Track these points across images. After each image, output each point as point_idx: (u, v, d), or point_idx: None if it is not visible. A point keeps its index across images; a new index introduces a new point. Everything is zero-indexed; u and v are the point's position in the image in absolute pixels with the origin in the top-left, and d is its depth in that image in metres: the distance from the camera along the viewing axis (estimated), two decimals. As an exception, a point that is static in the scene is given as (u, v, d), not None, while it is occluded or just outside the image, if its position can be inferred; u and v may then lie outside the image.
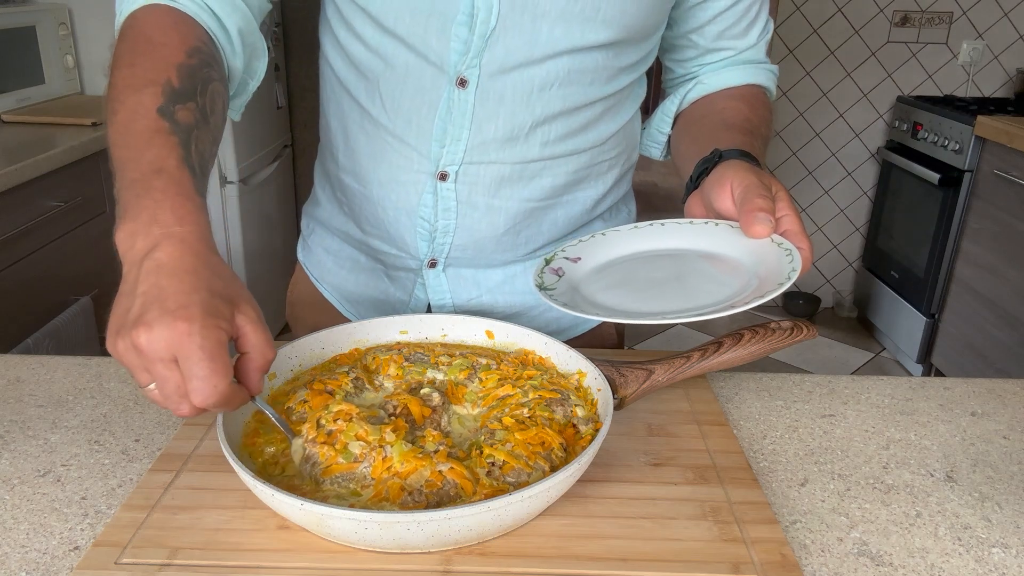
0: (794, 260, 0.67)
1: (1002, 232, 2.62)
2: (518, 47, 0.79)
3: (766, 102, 0.96)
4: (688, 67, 0.97)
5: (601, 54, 0.83)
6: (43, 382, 0.83)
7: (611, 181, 0.96)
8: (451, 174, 0.85)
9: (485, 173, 0.86)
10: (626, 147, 0.97)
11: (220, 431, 0.59)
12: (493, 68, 0.80)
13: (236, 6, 0.78)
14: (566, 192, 0.92)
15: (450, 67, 0.80)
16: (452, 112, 0.82)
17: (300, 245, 1.08)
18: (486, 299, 0.97)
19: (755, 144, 0.83)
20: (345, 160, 0.93)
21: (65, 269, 2.04)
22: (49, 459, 0.70)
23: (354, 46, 0.85)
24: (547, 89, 0.82)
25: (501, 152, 0.85)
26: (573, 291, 0.73)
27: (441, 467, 0.58)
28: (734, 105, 0.91)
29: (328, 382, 0.69)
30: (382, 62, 0.83)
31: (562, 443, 0.63)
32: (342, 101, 0.90)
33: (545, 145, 0.86)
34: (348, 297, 1.02)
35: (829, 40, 3.28)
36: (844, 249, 3.62)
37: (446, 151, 0.84)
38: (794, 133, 3.43)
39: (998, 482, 0.70)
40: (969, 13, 3.22)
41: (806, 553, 0.60)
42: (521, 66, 0.80)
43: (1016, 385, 0.87)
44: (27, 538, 0.60)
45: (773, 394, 0.84)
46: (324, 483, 0.59)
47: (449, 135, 0.83)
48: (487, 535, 0.56)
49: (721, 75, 0.94)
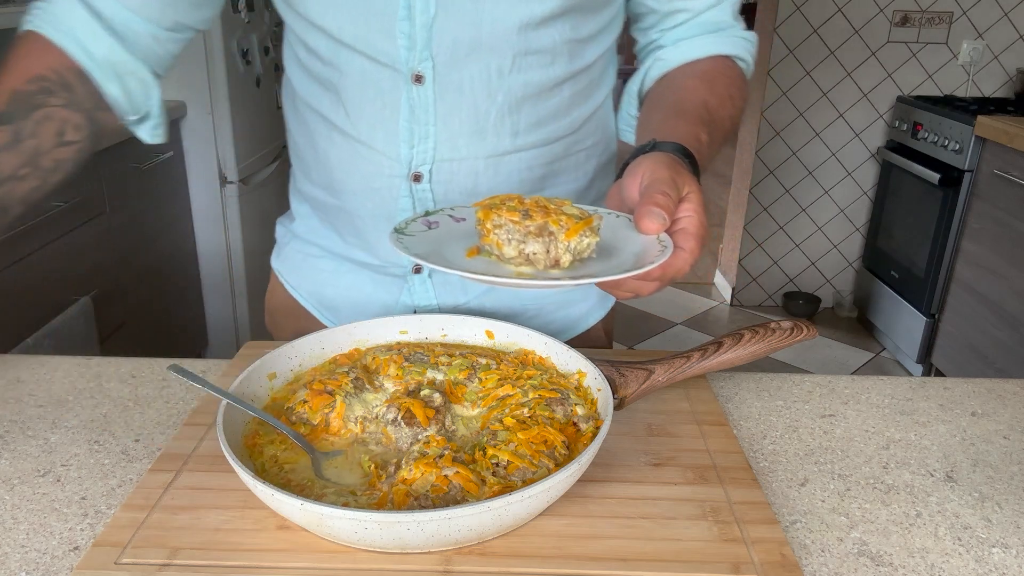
0: (665, 252, 0.63)
1: (1002, 232, 2.62)
2: (465, 31, 0.78)
3: (732, 76, 0.89)
4: (649, 35, 0.92)
5: (556, 28, 0.81)
6: (43, 382, 0.83)
7: (591, 172, 0.95)
8: (425, 174, 0.85)
9: (459, 170, 0.85)
10: (603, 135, 0.95)
11: (220, 431, 0.59)
12: (445, 58, 0.79)
13: (101, 37, 0.82)
14: (545, 186, 0.90)
15: (402, 64, 0.80)
16: (415, 110, 0.82)
17: (275, 253, 1.07)
18: (473, 305, 0.96)
19: (702, 135, 0.78)
20: (318, 176, 0.92)
21: (65, 269, 2.04)
22: (49, 459, 0.70)
23: (312, 62, 0.86)
24: (506, 74, 0.81)
25: (472, 146, 0.84)
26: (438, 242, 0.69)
27: (447, 471, 0.58)
28: (692, 85, 0.85)
29: (328, 382, 0.69)
30: (338, 72, 0.83)
31: (564, 441, 0.63)
32: (308, 118, 0.90)
33: (516, 135, 0.85)
34: (327, 304, 1.00)
35: (829, 40, 3.28)
36: (844, 249, 3.62)
37: (416, 151, 0.84)
38: (794, 133, 3.43)
39: (998, 482, 0.70)
40: (969, 13, 3.22)
41: (806, 553, 0.60)
42: (473, 51, 0.79)
43: (1016, 385, 0.87)
44: (27, 538, 0.60)
45: (773, 394, 0.84)
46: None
47: (416, 134, 0.83)
48: (487, 535, 0.56)
49: (681, 48, 0.89)
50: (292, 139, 0.97)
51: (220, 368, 0.86)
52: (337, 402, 0.67)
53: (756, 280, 3.72)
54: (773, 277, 3.71)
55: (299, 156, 0.96)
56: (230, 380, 0.74)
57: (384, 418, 0.66)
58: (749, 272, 3.70)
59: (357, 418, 0.67)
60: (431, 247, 0.67)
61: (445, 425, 0.66)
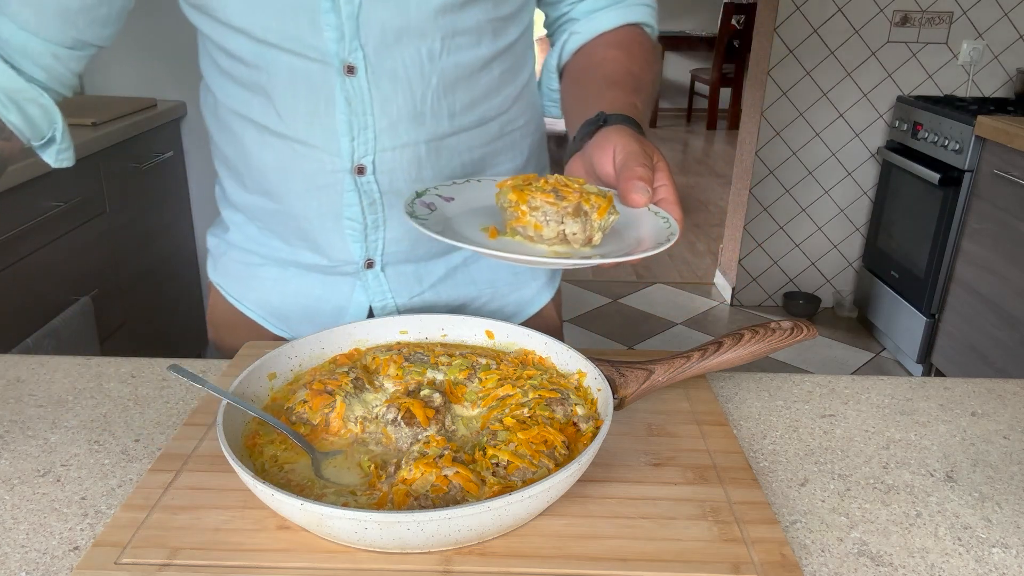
0: (672, 226, 0.70)
1: (1002, 232, 2.62)
2: (392, 17, 0.78)
3: (645, 42, 0.94)
4: (559, 8, 0.95)
5: (479, 7, 0.82)
6: (43, 382, 0.83)
7: (527, 150, 0.97)
8: (368, 166, 0.84)
9: (401, 157, 0.85)
10: (533, 114, 0.97)
11: (220, 431, 0.59)
12: (376, 46, 0.79)
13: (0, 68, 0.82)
14: (486, 166, 0.92)
15: (332, 57, 0.79)
16: (351, 102, 0.81)
17: (211, 266, 1.05)
18: (428, 295, 0.96)
19: (637, 103, 0.83)
20: (253, 183, 0.91)
21: (65, 269, 2.04)
22: (49, 459, 0.70)
23: (234, 67, 0.84)
24: (437, 56, 0.82)
25: (412, 132, 0.84)
26: (445, 224, 0.72)
27: (447, 471, 0.58)
28: (613, 56, 0.90)
29: (328, 382, 0.69)
30: (265, 73, 0.82)
31: (564, 441, 0.63)
32: (234, 125, 0.89)
33: (453, 117, 0.85)
34: (275, 313, 0.99)
35: (829, 40, 3.28)
36: (844, 249, 3.62)
37: (356, 143, 0.83)
38: (794, 133, 3.43)
39: (998, 482, 0.70)
40: (969, 13, 3.22)
41: (806, 553, 0.60)
42: (403, 37, 0.79)
43: (1016, 385, 0.87)
44: (27, 538, 0.60)
45: (773, 394, 0.84)
46: None
47: (355, 126, 0.82)
48: (487, 535, 0.56)
49: (594, 20, 0.93)
50: (217, 149, 0.95)
51: (220, 368, 0.86)
52: (337, 402, 0.67)
53: (756, 280, 3.72)
54: (773, 277, 3.71)
55: (228, 166, 0.94)
56: (230, 380, 0.74)
57: (384, 418, 0.66)
58: (749, 272, 3.70)
59: (357, 418, 0.67)
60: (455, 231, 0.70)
61: (445, 425, 0.66)
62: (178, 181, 2.63)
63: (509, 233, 0.70)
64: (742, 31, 7.02)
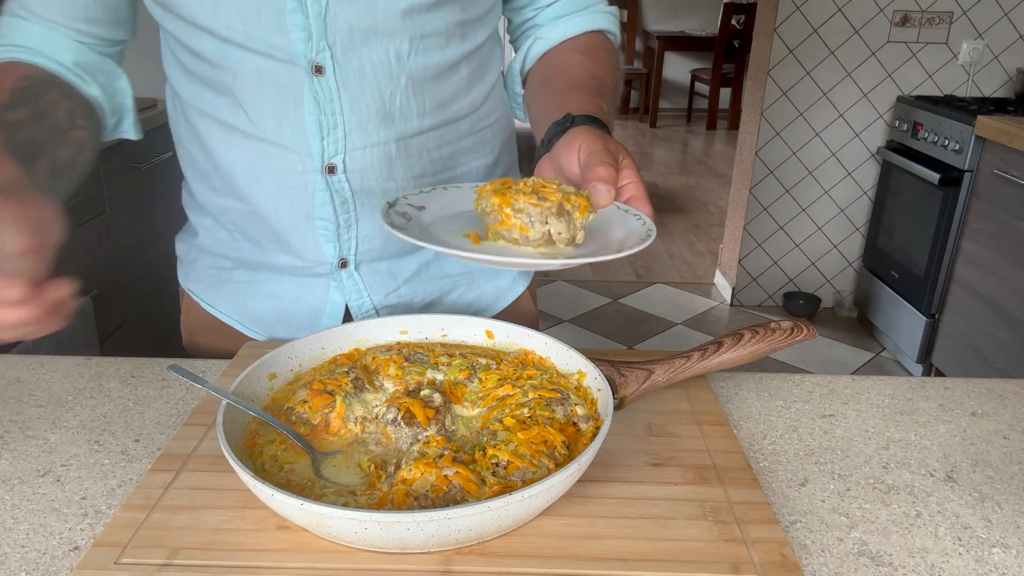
0: (646, 223, 0.71)
1: (1002, 232, 2.62)
2: (359, 18, 0.78)
3: (609, 48, 0.95)
4: (524, 14, 0.97)
5: (447, 10, 0.83)
6: (43, 382, 0.83)
7: (497, 147, 0.97)
8: (338, 165, 0.84)
9: (372, 156, 0.85)
10: (503, 112, 0.98)
11: (220, 431, 0.59)
12: (343, 46, 0.79)
13: (64, 45, 0.83)
14: (456, 163, 0.92)
15: (300, 57, 0.79)
16: (320, 102, 0.81)
17: (181, 272, 1.04)
18: (404, 291, 0.96)
19: (603, 105, 0.84)
20: (222, 184, 0.90)
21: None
22: (49, 459, 0.70)
23: (200, 67, 0.84)
24: (405, 58, 0.82)
25: (381, 131, 0.84)
26: (424, 231, 0.72)
27: (447, 471, 0.58)
28: (578, 60, 0.91)
29: (328, 382, 0.69)
30: (231, 73, 0.81)
31: (564, 441, 0.63)
32: (199, 126, 0.88)
33: (423, 116, 0.86)
34: (249, 316, 0.98)
35: (829, 40, 3.28)
36: (844, 249, 3.62)
37: (326, 143, 0.83)
38: (794, 133, 3.43)
39: (998, 482, 0.70)
40: (969, 13, 3.22)
41: (806, 553, 0.60)
42: (370, 37, 0.80)
43: (1016, 385, 0.87)
44: (27, 538, 0.60)
45: (773, 394, 0.84)
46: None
47: (324, 125, 0.82)
48: (487, 535, 0.56)
49: (559, 26, 0.94)
50: (184, 149, 0.94)
51: (220, 368, 0.86)
52: (337, 402, 0.67)
53: (756, 280, 3.72)
54: (773, 277, 3.70)
55: (194, 167, 0.94)
56: (230, 380, 0.74)
57: (384, 418, 0.66)
58: (749, 272, 3.70)
59: (357, 418, 0.67)
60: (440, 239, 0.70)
61: (445, 425, 0.66)
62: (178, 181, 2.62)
63: (492, 238, 0.70)
64: (742, 31, 7.02)
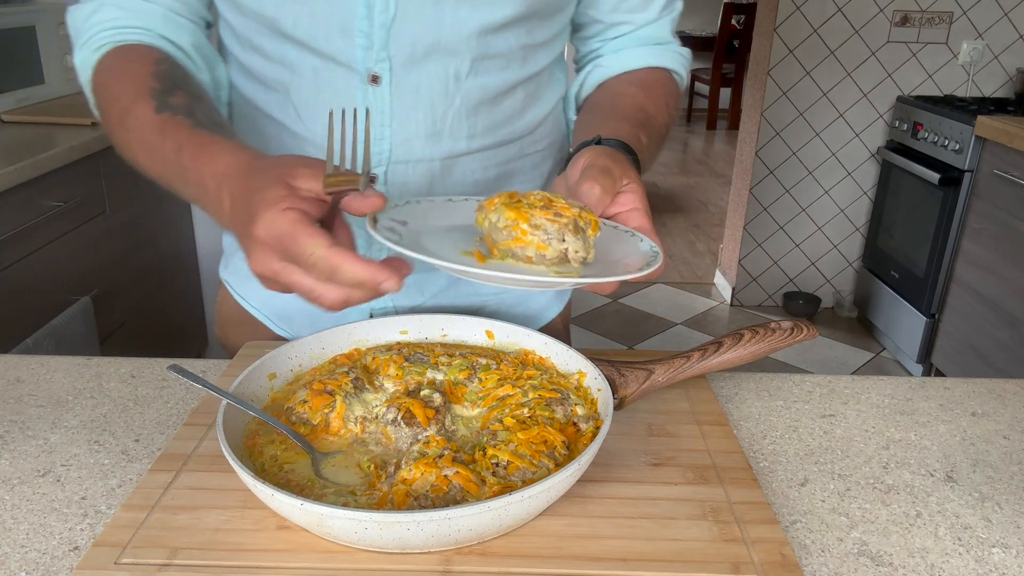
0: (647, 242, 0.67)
1: (1002, 232, 2.62)
2: (424, 33, 0.77)
3: (669, 87, 0.92)
4: (590, 44, 0.94)
5: (512, 33, 0.81)
6: (43, 382, 0.83)
7: (547, 172, 0.95)
8: (379, 176, 0.84)
9: (414, 172, 0.84)
10: (557, 136, 0.96)
11: (220, 431, 0.59)
12: (403, 59, 0.78)
13: (182, 25, 0.82)
14: (500, 186, 0.90)
15: (358, 64, 0.78)
16: (370, 112, 0.80)
17: (223, 264, 1.05)
18: (430, 304, 0.95)
19: (642, 137, 0.80)
20: None
21: (65, 269, 2.04)
22: (49, 459, 0.70)
23: (255, 61, 0.83)
24: (463, 77, 0.81)
25: (427, 148, 0.83)
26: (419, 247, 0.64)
27: (447, 471, 0.58)
28: (631, 92, 0.88)
29: (328, 382, 0.69)
30: (288, 71, 0.81)
31: (564, 441, 0.63)
32: (255, 119, 0.88)
33: (472, 137, 0.84)
34: (278, 313, 0.98)
35: (829, 40, 3.28)
36: (844, 249, 3.62)
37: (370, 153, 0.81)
38: (794, 133, 3.43)
39: (998, 482, 0.70)
40: (969, 13, 3.22)
41: (806, 553, 0.60)
42: (432, 54, 0.78)
43: (1016, 385, 0.87)
44: (27, 538, 0.60)
45: (773, 394, 0.84)
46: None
47: (371, 136, 0.81)
48: (487, 535, 0.56)
49: (621, 57, 0.91)
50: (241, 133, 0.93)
51: (220, 368, 0.86)
52: (337, 402, 0.67)
53: (756, 280, 3.72)
54: (773, 277, 3.71)
55: None
56: (230, 380, 0.74)
57: (384, 418, 0.66)
58: (749, 272, 3.70)
59: (357, 418, 0.67)
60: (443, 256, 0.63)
61: (445, 425, 0.66)
62: (178, 181, 2.62)
63: (499, 255, 0.65)
64: (742, 31, 7.02)
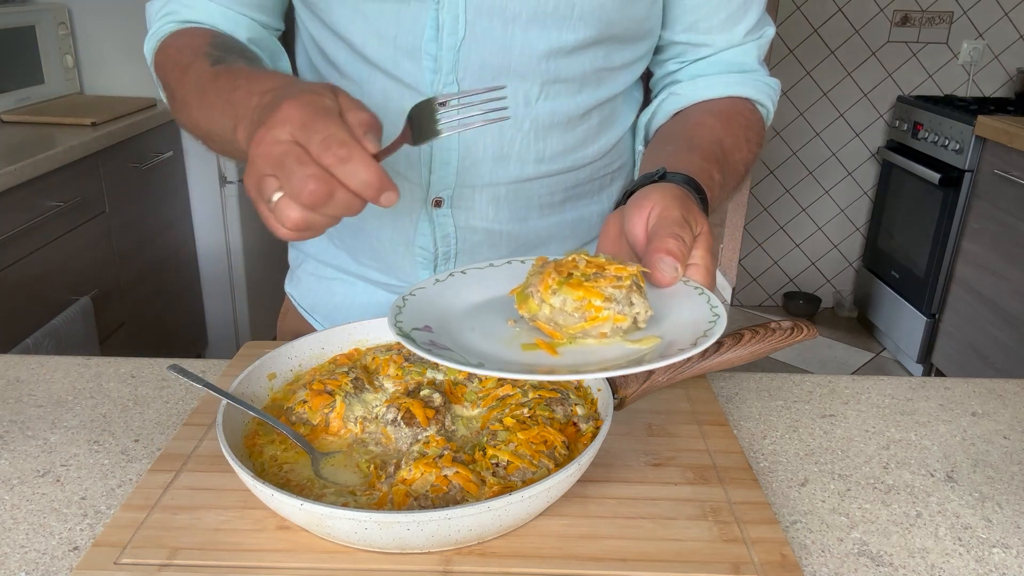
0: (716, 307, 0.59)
1: (1002, 232, 2.62)
2: (493, 56, 0.76)
3: (752, 120, 0.85)
4: (666, 67, 0.89)
5: (587, 56, 0.78)
6: (43, 382, 0.83)
7: (615, 194, 0.92)
8: (445, 200, 0.82)
9: (480, 196, 0.82)
10: (628, 157, 0.92)
11: (220, 431, 0.59)
12: (472, 82, 0.76)
13: (239, 21, 0.82)
14: (566, 209, 0.88)
15: (426, 87, 0.77)
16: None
17: (288, 277, 1.05)
18: None
19: (714, 173, 0.75)
20: None
21: (65, 269, 2.04)
22: (48, 459, 0.70)
23: (330, 72, 0.83)
24: (533, 102, 0.78)
25: (494, 173, 0.81)
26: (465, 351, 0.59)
27: (447, 471, 0.58)
28: (708, 123, 0.82)
29: (328, 382, 0.69)
30: (358, 88, 0.80)
31: (564, 441, 0.63)
32: None
33: (540, 162, 0.82)
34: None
35: (829, 40, 3.28)
36: (844, 249, 3.62)
37: (435, 177, 0.81)
38: (794, 133, 3.43)
39: (998, 482, 0.70)
40: (969, 13, 3.22)
41: (806, 553, 0.60)
42: (500, 77, 0.76)
43: (1016, 385, 0.87)
44: (27, 538, 0.60)
45: (773, 394, 0.84)
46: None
47: (437, 159, 0.80)
48: (487, 535, 0.56)
49: (699, 84, 0.86)
50: None
51: (220, 368, 0.86)
52: (337, 402, 0.67)
53: (756, 280, 3.72)
54: (773, 277, 3.70)
55: None
56: (230, 380, 0.74)
57: (384, 418, 0.66)
58: (749, 272, 3.70)
59: (357, 418, 0.67)
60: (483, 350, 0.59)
61: (445, 425, 0.66)
62: (178, 181, 2.62)
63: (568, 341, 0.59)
64: (742, 31, 7.01)
